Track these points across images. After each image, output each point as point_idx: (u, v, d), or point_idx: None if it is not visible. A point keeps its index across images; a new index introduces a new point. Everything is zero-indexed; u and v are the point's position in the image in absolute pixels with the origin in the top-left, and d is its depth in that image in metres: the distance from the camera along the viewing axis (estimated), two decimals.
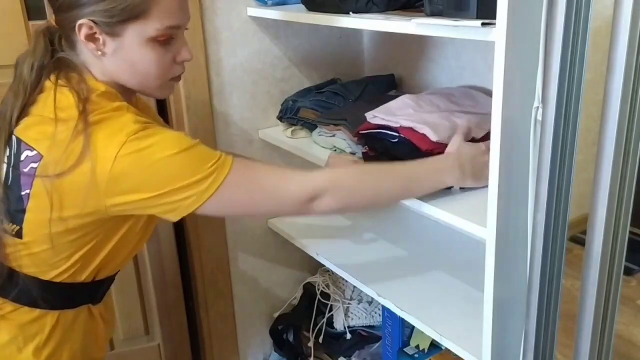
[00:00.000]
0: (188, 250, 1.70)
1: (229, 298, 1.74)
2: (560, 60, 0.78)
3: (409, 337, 1.54)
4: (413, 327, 1.39)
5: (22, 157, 0.93)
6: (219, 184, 0.91)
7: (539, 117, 0.83)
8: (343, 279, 1.58)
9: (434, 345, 1.50)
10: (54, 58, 0.97)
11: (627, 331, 1.14)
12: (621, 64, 0.71)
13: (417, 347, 1.52)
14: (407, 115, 1.20)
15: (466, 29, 0.88)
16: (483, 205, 0.93)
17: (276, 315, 1.81)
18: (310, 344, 1.71)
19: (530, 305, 0.93)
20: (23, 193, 0.93)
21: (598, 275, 0.82)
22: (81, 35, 0.91)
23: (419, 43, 1.55)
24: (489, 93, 0.86)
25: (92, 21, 0.89)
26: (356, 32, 1.71)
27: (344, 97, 1.53)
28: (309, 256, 1.55)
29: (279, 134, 1.57)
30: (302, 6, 1.37)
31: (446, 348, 1.16)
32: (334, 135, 1.40)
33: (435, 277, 1.35)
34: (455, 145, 1.08)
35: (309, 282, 1.78)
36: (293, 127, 1.54)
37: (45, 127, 0.92)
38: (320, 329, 1.66)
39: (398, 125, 1.17)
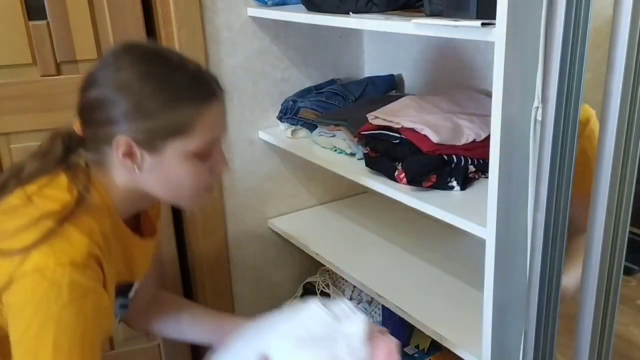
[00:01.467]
0: (188, 250, 1.70)
1: (229, 298, 1.73)
2: (560, 60, 0.78)
3: (409, 337, 1.54)
4: (413, 327, 1.39)
5: None
6: None
7: (539, 117, 0.83)
8: (343, 279, 1.58)
9: (434, 345, 1.50)
10: (67, 164, 0.92)
11: (627, 331, 1.14)
12: (621, 64, 0.71)
13: (417, 347, 1.52)
14: (408, 116, 1.20)
15: (466, 29, 0.88)
16: (483, 205, 0.93)
17: None
18: None
19: (530, 305, 0.93)
20: None
21: (598, 275, 0.82)
22: (119, 152, 0.87)
23: (419, 43, 1.55)
24: (491, 95, 0.86)
25: (132, 138, 0.86)
26: (356, 32, 1.71)
27: (344, 97, 1.53)
28: (309, 256, 1.55)
29: (279, 134, 1.57)
30: (302, 6, 1.37)
31: (446, 348, 1.16)
32: (334, 136, 1.40)
33: (435, 278, 1.35)
34: None
35: (309, 282, 1.78)
36: (293, 127, 1.54)
37: (15, 201, 0.87)
38: None
39: (399, 126, 1.17)
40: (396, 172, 1.16)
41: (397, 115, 1.21)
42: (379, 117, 1.22)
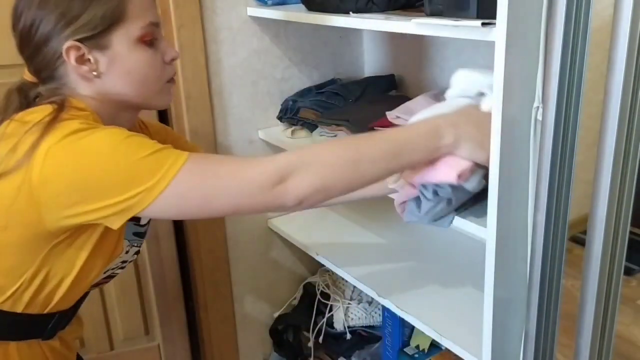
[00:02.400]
0: (188, 251, 1.70)
1: (229, 298, 1.74)
2: (560, 60, 0.78)
3: (409, 337, 1.54)
4: (413, 327, 1.39)
5: None
6: (171, 178, 0.82)
7: (539, 117, 0.83)
8: (343, 279, 1.58)
9: (434, 345, 1.50)
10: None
11: (627, 331, 1.14)
12: (621, 64, 0.71)
13: (417, 347, 1.52)
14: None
15: (466, 29, 0.87)
16: (483, 205, 0.93)
17: (276, 315, 1.81)
18: (310, 344, 1.71)
19: (530, 305, 0.93)
20: None
21: (598, 275, 0.82)
22: (71, 60, 0.90)
23: (419, 43, 1.55)
24: None
25: (78, 41, 0.89)
26: (356, 32, 1.71)
27: (344, 97, 1.53)
28: (309, 256, 1.55)
29: (279, 134, 1.57)
30: (302, 6, 1.37)
31: (446, 348, 1.16)
32: (335, 136, 1.40)
33: (435, 277, 1.35)
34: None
35: (309, 282, 1.78)
36: (293, 127, 1.54)
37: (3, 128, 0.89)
38: (320, 329, 1.66)
39: None
40: None
41: (414, 112, 1.19)
42: (401, 116, 1.20)
